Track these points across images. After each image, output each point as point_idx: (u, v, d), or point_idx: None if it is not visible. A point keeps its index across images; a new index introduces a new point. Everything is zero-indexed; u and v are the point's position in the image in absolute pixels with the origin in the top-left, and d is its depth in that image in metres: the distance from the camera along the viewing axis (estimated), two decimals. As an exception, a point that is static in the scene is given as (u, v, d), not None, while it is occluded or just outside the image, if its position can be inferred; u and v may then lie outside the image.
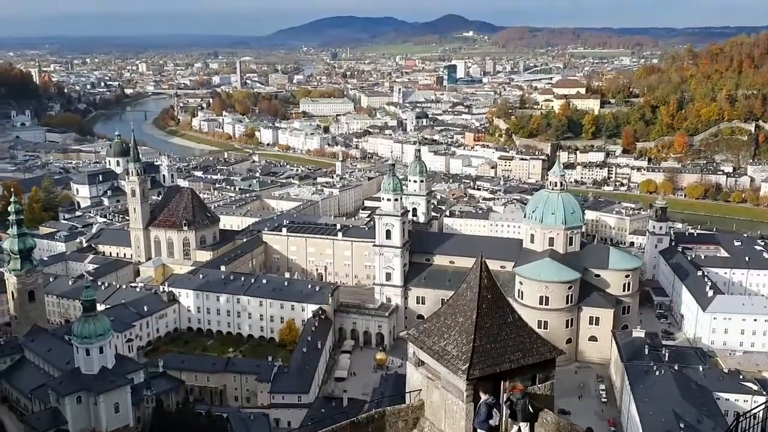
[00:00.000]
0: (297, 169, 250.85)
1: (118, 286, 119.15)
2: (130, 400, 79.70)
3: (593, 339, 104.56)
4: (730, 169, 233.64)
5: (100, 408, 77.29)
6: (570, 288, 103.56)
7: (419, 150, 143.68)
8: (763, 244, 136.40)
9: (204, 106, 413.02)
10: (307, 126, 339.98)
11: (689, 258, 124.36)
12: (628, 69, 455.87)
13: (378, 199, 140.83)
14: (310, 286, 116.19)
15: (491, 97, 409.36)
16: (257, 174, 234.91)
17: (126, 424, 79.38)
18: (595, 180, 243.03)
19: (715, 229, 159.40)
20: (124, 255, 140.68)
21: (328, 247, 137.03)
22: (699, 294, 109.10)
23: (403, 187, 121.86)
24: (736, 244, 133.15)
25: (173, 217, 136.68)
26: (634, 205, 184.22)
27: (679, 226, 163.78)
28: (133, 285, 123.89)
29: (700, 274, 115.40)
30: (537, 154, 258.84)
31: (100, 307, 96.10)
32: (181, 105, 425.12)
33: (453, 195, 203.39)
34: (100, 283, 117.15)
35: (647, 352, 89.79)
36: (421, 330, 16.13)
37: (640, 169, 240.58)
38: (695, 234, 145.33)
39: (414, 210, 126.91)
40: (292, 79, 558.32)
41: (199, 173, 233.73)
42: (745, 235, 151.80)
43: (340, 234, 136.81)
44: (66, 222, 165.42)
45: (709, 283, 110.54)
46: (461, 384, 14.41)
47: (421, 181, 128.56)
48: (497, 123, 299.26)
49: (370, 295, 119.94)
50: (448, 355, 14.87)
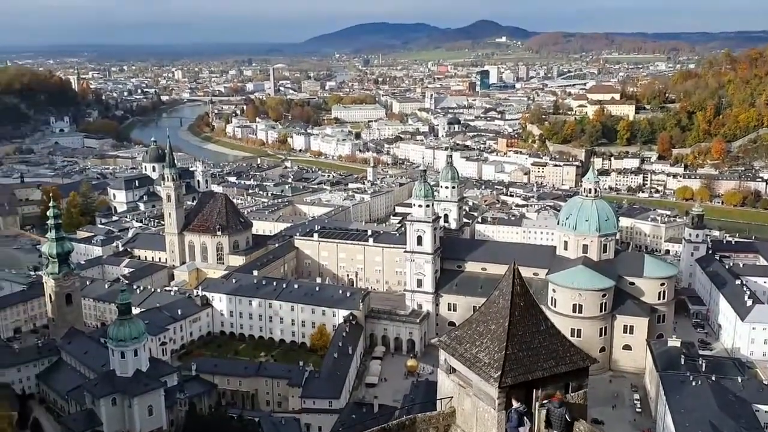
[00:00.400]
0: (328, 175, 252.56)
1: (152, 290, 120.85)
2: (163, 403, 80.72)
3: (627, 348, 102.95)
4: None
5: (134, 410, 78.41)
6: (604, 296, 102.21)
7: (451, 156, 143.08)
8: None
9: (238, 112, 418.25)
10: (339, 132, 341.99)
11: (727, 266, 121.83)
12: (664, 74, 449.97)
13: (409, 205, 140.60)
14: (341, 292, 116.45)
15: (524, 102, 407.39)
16: (289, 180, 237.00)
17: (159, 426, 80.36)
18: (630, 187, 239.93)
19: (753, 237, 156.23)
20: (159, 259, 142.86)
21: (359, 253, 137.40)
22: (737, 303, 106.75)
23: (435, 193, 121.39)
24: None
25: (207, 222, 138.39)
26: (669, 213, 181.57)
27: (717, 233, 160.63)
28: (167, 289, 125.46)
29: (739, 282, 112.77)
30: (571, 160, 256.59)
31: (135, 310, 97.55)
32: (216, 111, 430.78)
33: (485, 201, 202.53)
34: (135, 286, 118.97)
35: (683, 362, 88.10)
36: (453, 337, 16.06)
37: (676, 175, 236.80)
38: (733, 242, 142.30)
39: (446, 216, 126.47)
40: (324, 86, 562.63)
41: (232, 179, 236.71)
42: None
43: (371, 240, 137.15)
44: (103, 226, 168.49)
45: (748, 292, 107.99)
46: (493, 392, 14.31)
47: (453, 187, 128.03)
48: (530, 129, 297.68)
49: (400, 302, 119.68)
50: (479, 362, 14.79)
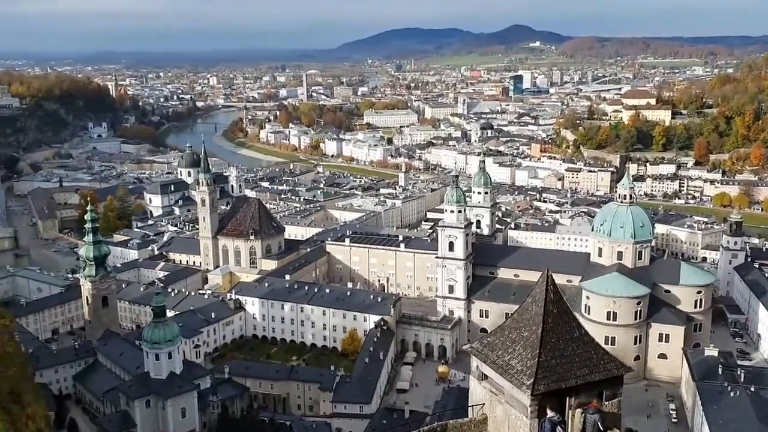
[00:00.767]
0: (360, 180, 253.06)
1: (187, 293, 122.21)
2: (196, 405, 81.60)
3: (663, 356, 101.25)
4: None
5: (168, 412, 79.37)
6: (639, 303, 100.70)
7: (483, 161, 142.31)
8: None
9: (271, 118, 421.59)
10: (371, 137, 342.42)
11: (767, 275, 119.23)
12: (701, 79, 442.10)
13: (441, 211, 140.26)
14: (372, 297, 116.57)
15: (558, 107, 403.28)
16: (321, 185, 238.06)
17: (192, 428, 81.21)
18: (666, 193, 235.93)
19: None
20: (194, 263, 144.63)
21: (391, 258, 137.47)
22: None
23: (467, 198, 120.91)
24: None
25: (241, 227, 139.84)
26: (706, 219, 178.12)
27: (756, 241, 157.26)
28: (201, 292, 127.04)
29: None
30: (605, 165, 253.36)
31: (170, 313, 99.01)
32: (250, 117, 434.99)
33: (518, 207, 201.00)
34: (170, 289, 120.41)
35: (721, 372, 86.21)
36: (485, 344, 15.98)
37: (713, 181, 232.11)
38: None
39: (478, 222, 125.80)
40: (356, 92, 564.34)
41: (265, 184, 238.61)
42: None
43: (402, 245, 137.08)
44: (139, 230, 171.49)
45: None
46: (525, 399, 14.20)
47: (486, 192, 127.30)
48: (564, 134, 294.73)
49: (432, 307, 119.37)
50: (512, 369, 14.68)
